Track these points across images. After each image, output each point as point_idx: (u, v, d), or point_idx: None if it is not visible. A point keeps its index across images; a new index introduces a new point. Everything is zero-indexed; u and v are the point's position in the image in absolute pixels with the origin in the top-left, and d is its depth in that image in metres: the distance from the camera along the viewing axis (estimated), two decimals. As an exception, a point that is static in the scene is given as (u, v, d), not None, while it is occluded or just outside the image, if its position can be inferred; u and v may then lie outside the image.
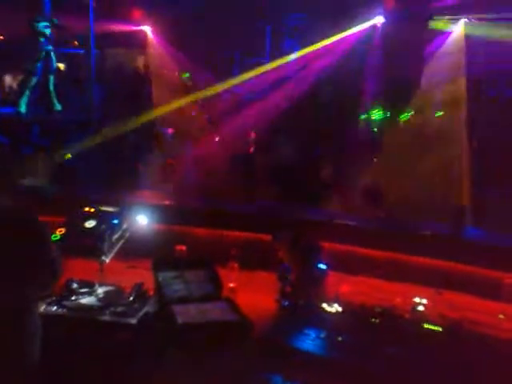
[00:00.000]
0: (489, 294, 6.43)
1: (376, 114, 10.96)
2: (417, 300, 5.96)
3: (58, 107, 10.85)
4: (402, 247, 6.84)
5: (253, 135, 9.47)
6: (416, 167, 8.51)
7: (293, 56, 11.81)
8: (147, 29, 12.34)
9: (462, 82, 10.02)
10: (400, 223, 7.51)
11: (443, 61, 10.36)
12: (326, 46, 11.11)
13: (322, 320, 5.58)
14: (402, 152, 8.83)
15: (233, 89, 11.43)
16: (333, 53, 10.91)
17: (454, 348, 5.33)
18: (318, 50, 11.15)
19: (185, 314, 4.99)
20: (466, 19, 10.45)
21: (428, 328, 5.65)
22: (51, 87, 10.73)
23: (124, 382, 4.57)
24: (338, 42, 11.13)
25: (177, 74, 11.60)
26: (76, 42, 12.75)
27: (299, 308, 5.73)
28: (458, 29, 10.59)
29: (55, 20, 10.46)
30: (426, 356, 5.07)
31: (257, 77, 11.45)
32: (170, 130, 10.30)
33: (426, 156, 8.61)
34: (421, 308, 5.93)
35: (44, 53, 10.42)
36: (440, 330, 5.62)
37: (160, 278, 5.41)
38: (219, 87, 11.07)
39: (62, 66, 11.93)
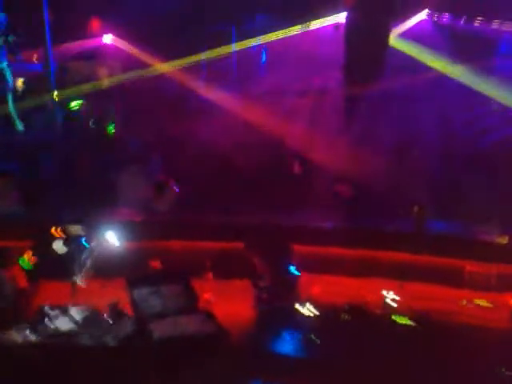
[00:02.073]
0: (452, 283, 6.75)
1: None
2: (385, 294, 6.21)
3: (20, 127, 10.34)
4: (368, 244, 7.08)
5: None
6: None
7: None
8: (108, 37, 12.23)
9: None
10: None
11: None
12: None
13: (297, 322, 5.75)
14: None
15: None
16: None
17: (424, 338, 5.59)
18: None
19: (161, 329, 5.04)
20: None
21: (398, 321, 5.90)
22: (11, 107, 10.24)
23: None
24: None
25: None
26: (36, 58, 12.35)
27: (275, 312, 5.87)
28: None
29: (10, 38, 10.04)
30: (400, 348, 5.30)
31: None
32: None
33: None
34: (390, 302, 6.18)
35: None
36: (410, 323, 5.88)
37: (135, 296, 5.43)
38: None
39: (21, 80, 11.51)
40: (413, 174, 8.18)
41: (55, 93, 10.78)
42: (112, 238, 5.79)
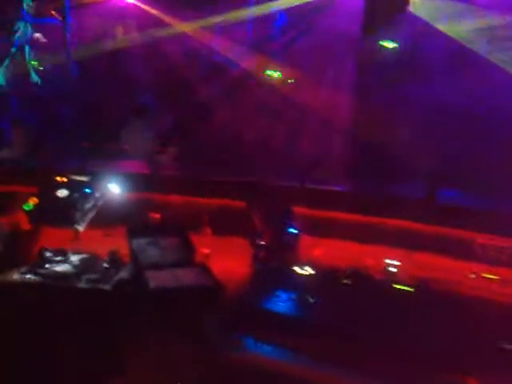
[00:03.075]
0: (460, 254, 6.56)
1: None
2: (388, 261, 6.10)
3: (35, 79, 10.63)
4: (375, 210, 6.93)
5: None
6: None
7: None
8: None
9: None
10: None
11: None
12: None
13: (293, 282, 5.71)
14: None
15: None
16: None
17: (422, 306, 5.48)
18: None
19: (157, 278, 5.09)
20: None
21: (398, 288, 5.80)
22: (27, 58, 10.50)
23: (99, 345, 4.69)
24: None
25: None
26: (53, 12, 12.43)
27: (272, 271, 5.85)
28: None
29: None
30: (396, 315, 5.22)
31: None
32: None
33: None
34: (392, 269, 6.07)
35: (22, 23, 10.20)
36: (410, 289, 5.77)
37: (134, 245, 5.49)
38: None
39: (38, 35, 11.69)
40: (427, 139, 7.90)
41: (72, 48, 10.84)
42: (115, 189, 5.83)
